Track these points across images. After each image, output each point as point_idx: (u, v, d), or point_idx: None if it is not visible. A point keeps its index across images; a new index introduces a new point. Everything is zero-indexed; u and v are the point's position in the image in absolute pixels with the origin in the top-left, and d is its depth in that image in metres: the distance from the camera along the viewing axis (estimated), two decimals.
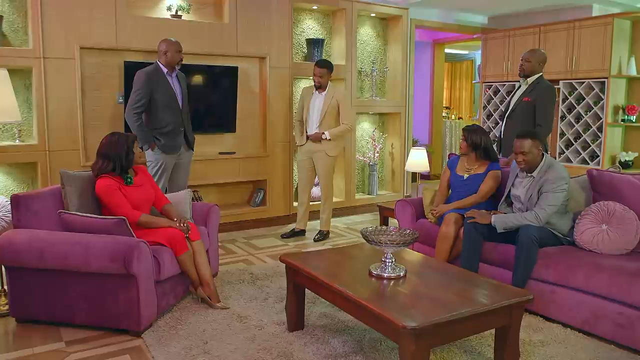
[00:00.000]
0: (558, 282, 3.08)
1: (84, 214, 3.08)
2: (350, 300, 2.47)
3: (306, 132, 5.01)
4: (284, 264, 2.99)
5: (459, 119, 10.36)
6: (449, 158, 4.53)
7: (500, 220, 3.36)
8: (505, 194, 3.63)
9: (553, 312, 3.12)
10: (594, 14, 6.41)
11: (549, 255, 3.16)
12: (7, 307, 3.18)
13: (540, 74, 4.32)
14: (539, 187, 3.33)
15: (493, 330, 2.62)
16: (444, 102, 10.00)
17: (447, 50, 9.37)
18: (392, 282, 2.63)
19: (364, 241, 2.93)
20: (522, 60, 4.32)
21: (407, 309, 2.31)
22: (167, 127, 4.18)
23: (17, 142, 4.30)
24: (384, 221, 5.04)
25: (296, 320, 2.98)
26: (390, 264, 2.70)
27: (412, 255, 3.14)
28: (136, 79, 4.14)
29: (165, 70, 4.17)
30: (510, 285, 2.72)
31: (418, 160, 5.29)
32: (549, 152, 4.22)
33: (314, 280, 2.73)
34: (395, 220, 4.39)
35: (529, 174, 3.42)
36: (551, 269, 3.11)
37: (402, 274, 2.68)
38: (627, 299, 2.77)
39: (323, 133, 4.89)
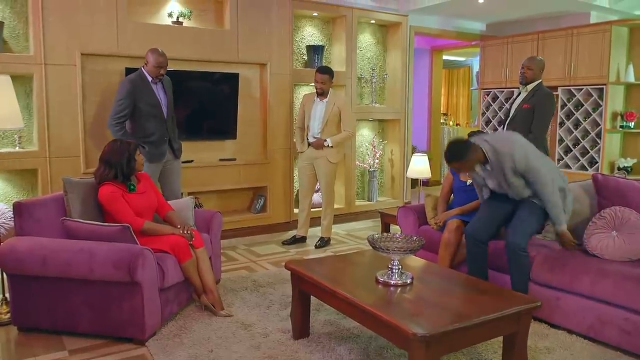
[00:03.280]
0: (563, 288, 3.08)
1: (87, 221, 3.07)
2: (358, 308, 2.45)
3: (307, 138, 5.01)
4: (288, 271, 2.98)
5: (456, 125, 10.39)
6: None
7: (561, 220, 3.22)
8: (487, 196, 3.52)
9: (558, 319, 3.12)
10: (592, 21, 6.46)
11: (554, 260, 3.16)
12: (9, 315, 3.14)
13: (540, 80, 4.34)
14: (513, 171, 3.12)
15: (500, 337, 2.61)
16: (442, 108, 10.03)
17: (444, 57, 9.41)
18: (399, 289, 2.62)
19: (365, 248, 2.91)
20: (523, 68, 4.33)
21: (416, 316, 2.30)
22: (152, 137, 4.12)
23: (18, 148, 4.27)
24: (386, 228, 5.03)
25: (301, 328, 2.97)
26: (396, 270, 2.69)
27: (416, 262, 3.13)
28: (120, 88, 4.08)
29: (149, 78, 4.11)
30: (517, 292, 2.71)
31: (420, 167, 5.29)
32: (548, 156, 4.20)
33: (320, 287, 2.71)
34: (397, 227, 4.38)
35: (483, 166, 3.23)
36: (556, 274, 3.10)
37: (408, 280, 2.67)
38: (632, 304, 2.78)
39: (325, 140, 4.89)
